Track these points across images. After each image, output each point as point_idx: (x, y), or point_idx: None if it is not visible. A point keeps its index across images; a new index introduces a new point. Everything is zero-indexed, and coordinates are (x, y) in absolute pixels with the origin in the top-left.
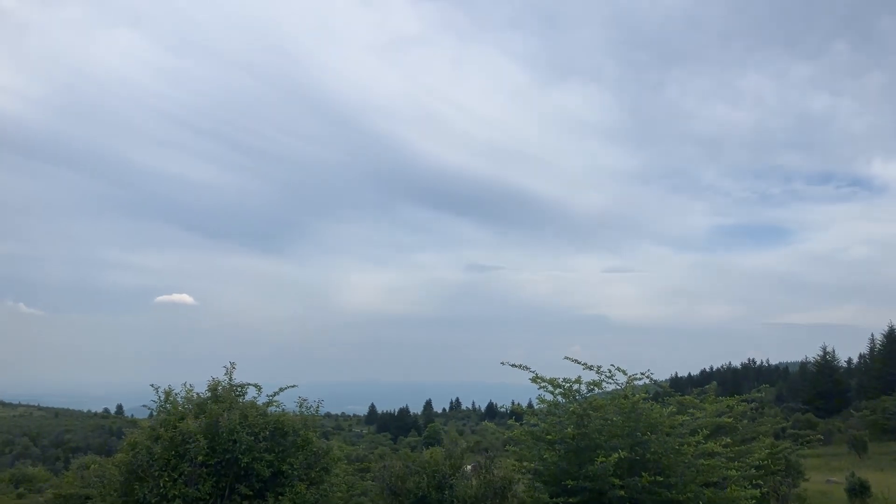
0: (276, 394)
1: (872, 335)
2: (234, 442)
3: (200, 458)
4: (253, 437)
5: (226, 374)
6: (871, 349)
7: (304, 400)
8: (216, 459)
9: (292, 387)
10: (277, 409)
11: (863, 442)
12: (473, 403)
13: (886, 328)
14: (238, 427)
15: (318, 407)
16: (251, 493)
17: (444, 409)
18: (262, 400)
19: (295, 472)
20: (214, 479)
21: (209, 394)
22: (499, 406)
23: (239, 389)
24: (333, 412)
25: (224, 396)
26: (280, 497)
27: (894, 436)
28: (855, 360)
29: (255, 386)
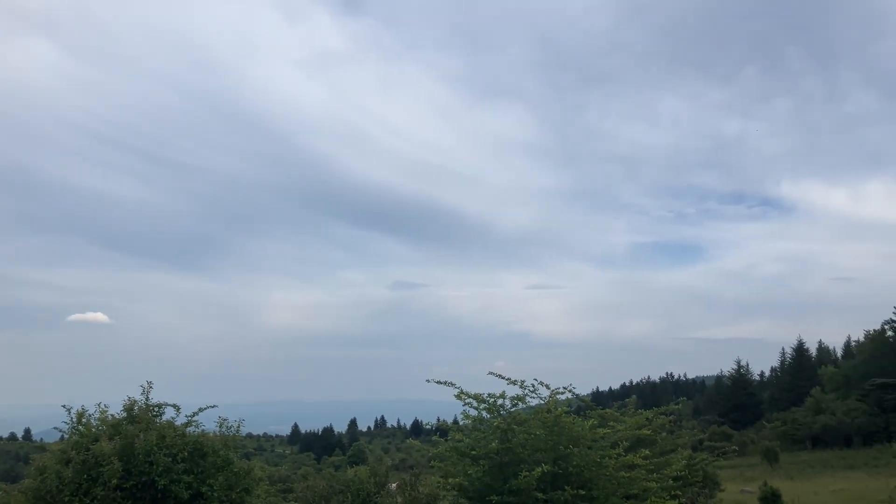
0: (195, 414)
1: (783, 349)
2: (151, 464)
3: (115, 481)
4: (171, 459)
5: (142, 394)
6: (782, 363)
7: (225, 420)
8: (132, 482)
9: (212, 407)
10: (197, 430)
11: (774, 452)
12: (399, 421)
13: (796, 342)
14: (155, 448)
15: (238, 427)
16: None
17: (369, 428)
18: (180, 420)
19: (215, 494)
20: (130, 502)
21: (125, 414)
22: (424, 423)
23: (156, 410)
24: (255, 432)
25: (140, 417)
26: None
27: (804, 445)
28: (767, 373)
29: (174, 406)
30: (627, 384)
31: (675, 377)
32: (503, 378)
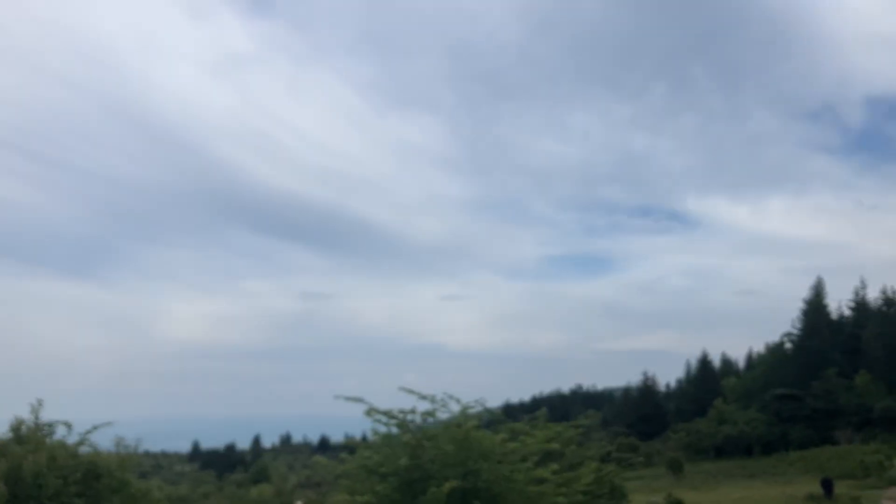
0: (88, 432)
1: (688, 361)
2: (40, 487)
3: None
4: (62, 481)
5: (31, 413)
6: (687, 374)
7: (122, 439)
8: None
9: (107, 424)
10: (90, 449)
11: (679, 463)
12: (305, 437)
13: (700, 354)
14: (45, 470)
15: (136, 446)
16: None
17: (273, 444)
18: (72, 439)
19: None
20: None
21: (11, 435)
22: (332, 439)
23: (46, 428)
24: (153, 450)
25: (29, 437)
26: None
27: (707, 455)
28: (673, 384)
29: (65, 424)
30: (538, 396)
31: (585, 389)
32: (413, 393)
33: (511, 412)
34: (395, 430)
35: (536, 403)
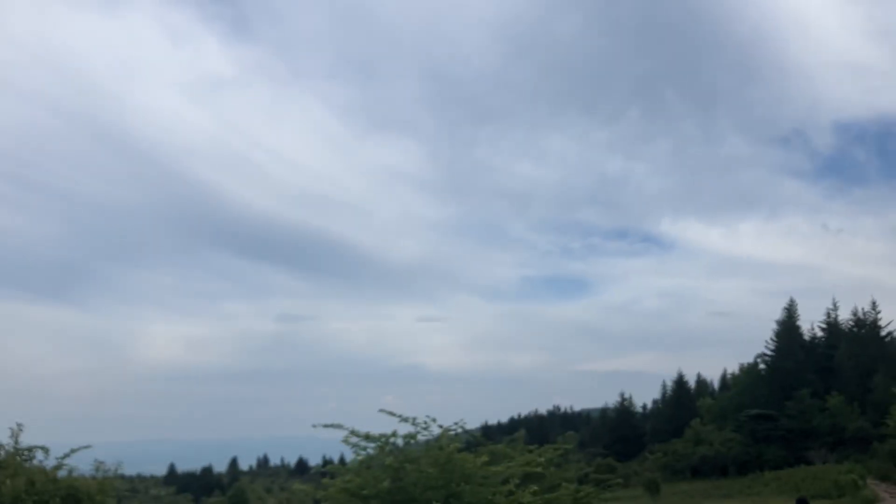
0: (66, 456)
1: (664, 382)
2: None
3: None
4: None
5: (11, 437)
6: (664, 395)
7: (101, 463)
8: None
9: (86, 447)
10: (68, 474)
11: (656, 483)
12: (283, 459)
13: (676, 375)
14: (23, 495)
15: (116, 469)
16: None
17: (251, 467)
18: (50, 463)
19: None
20: None
21: None
22: (310, 461)
23: (26, 454)
24: (128, 473)
25: (7, 462)
26: None
27: (684, 476)
28: (650, 405)
29: (43, 449)
30: (516, 417)
31: (563, 410)
32: (395, 416)
33: (489, 433)
34: (374, 452)
35: (515, 424)
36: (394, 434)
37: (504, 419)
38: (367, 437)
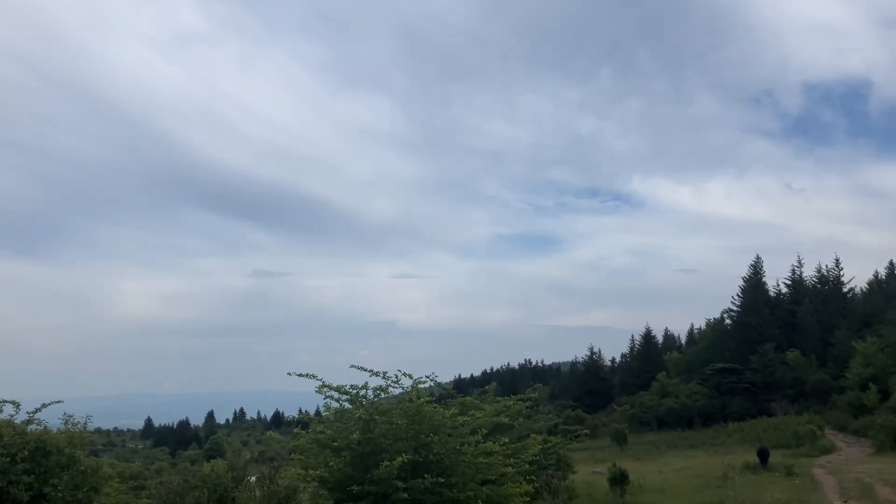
0: (37, 411)
1: (633, 336)
2: None
3: None
4: (9, 459)
5: None
6: (632, 349)
7: (70, 416)
8: None
9: (57, 402)
10: (39, 428)
11: (623, 434)
12: (259, 413)
13: (644, 330)
14: None
15: (85, 423)
16: None
17: (227, 420)
18: (21, 418)
19: (59, 494)
20: None
21: None
22: (285, 415)
23: None
24: (105, 427)
25: None
26: None
27: (650, 427)
28: (618, 359)
29: (13, 403)
30: (488, 371)
31: (533, 363)
32: (365, 370)
33: (462, 387)
34: (347, 405)
35: (487, 378)
36: (364, 386)
37: (477, 373)
38: (338, 390)
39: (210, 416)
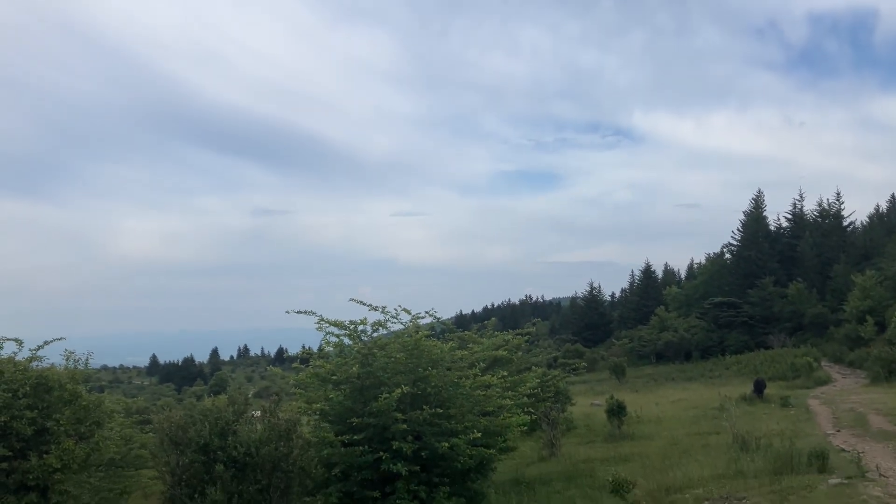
0: (39, 348)
1: (633, 271)
2: None
3: None
4: (11, 395)
5: None
6: (631, 284)
7: (72, 353)
8: None
9: (60, 339)
10: (41, 364)
11: (622, 367)
12: (263, 349)
13: (644, 265)
14: None
15: (87, 360)
16: (10, 453)
17: (231, 357)
18: (24, 355)
19: (62, 429)
20: None
21: None
22: (288, 351)
23: None
24: (111, 364)
25: None
26: (45, 455)
27: (649, 360)
28: (618, 294)
29: (15, 340)
30: (489, 307)
31: (534, 299)
32: (365, 305)
33: (463, 322)
34: (347, 341)
35: (487, 314)
36: (363, 321)
37: (478, 309)
38: (336, 325)
39: (214, 352)
